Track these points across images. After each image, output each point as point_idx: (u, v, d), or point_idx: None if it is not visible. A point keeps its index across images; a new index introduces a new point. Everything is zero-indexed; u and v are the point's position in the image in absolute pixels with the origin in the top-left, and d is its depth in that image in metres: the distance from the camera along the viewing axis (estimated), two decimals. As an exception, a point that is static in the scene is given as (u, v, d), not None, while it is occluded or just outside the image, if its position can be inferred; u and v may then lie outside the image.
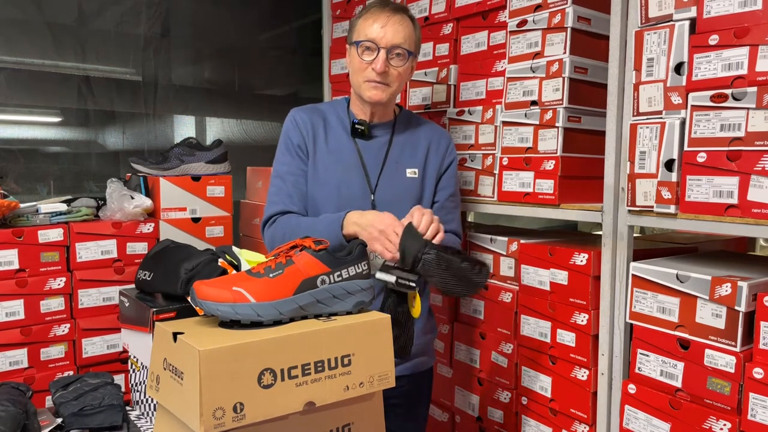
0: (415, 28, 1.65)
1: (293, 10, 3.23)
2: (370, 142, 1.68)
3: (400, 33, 1.58)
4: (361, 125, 1.66)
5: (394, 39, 1.57)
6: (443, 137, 1.76)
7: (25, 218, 1.90)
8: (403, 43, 1.59)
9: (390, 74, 1.60)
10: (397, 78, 1.61)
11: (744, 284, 1.32)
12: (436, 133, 1.76)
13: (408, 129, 1.73)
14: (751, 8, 1.30)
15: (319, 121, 1.68)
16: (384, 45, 1.57)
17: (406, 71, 1.64)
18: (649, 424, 1.48)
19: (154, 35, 2.85)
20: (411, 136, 1.71)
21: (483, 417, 1.97)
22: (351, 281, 1.18)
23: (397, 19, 1.59)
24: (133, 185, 2.18)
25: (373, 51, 1.58)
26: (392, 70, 1.60)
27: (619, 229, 1.58)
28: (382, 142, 1.69)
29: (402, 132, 1.72)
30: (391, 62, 1.59)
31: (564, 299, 1.72)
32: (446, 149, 1.74)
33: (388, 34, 1.57)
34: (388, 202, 1.63)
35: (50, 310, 1.91)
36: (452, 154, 1.75)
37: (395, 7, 1.62)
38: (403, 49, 1.59)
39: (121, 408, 1.54)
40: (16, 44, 2.53)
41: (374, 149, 1.67)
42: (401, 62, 1.60)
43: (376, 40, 1.57)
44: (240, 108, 3.22)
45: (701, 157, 1.38)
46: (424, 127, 1.76)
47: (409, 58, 1.62)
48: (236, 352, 0.99)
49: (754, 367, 1.29)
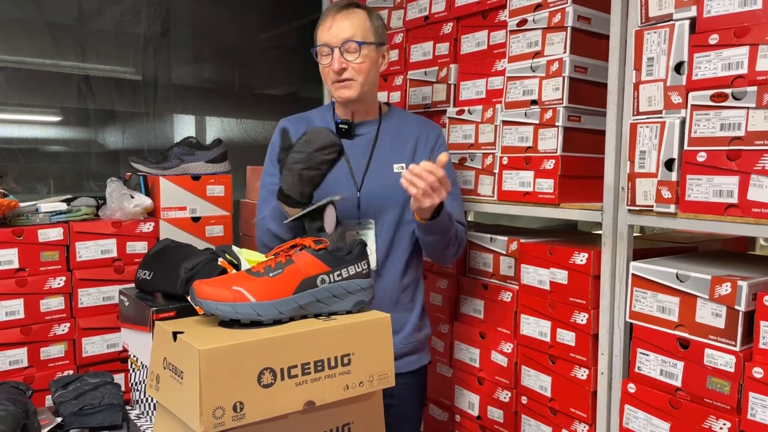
0: (370, 16, 1.64)
1: (293, 9, 3.23)
2: (355, 141, 1.69)
3: (347, 27, 1.59)
4: (345, 124, 1.68)
5: (342, 34, 1.59)
6: (432, 131, 1.75)
7: (25, 217, 1.90)
8: (352, 35, 1.59)
9: (350, 69, 1.60)
10: (360, 71, 1.61)
11: (744, 284, 1.32)
12: (425, 128, 1.75)
13: (396, 125, 1.73)
14: (751, 8, 1.30)
15: (303, 128, 1.65)
16: (335, 44, 1.59)
17: (366, 62, 1.61)
18: (649, 424, 1.48)
19: (154, 34, 2.85)
20: (399, 132, 1.71)
21: (483, 416, 1.97)
22: (351, 280, 1.18)
23: (343, 15, 1.60)
24: (133, 184, 2.18)
25: (329, 54, 1.60)
26: (351, 65, 1.60)
27: (619, 229, 1.58)
28: (367, 140, 1.70)
29: (389, 128, 1.72)
30: (346, 58, 1.59)
31: (564, 299, 1.72)
32: (435, 142, 1.73)
33: (335, 31, 1.59)
34: (374, 198, 1.65)
35: (50, 310, 1.91)
36: (443, 146, 1.74)
37: (343, 5, 1.63)
38: (353, 42, 1.59)
39: (121, 407, 1.54)
40: (16, 44, 2.53)
41: (359, 147, 1.69)
42: (355, 56, 1.60)
43: (328, 42, 1.60)
44: (240, 107, 3.22)
45: (701, 156, 1.38)
46: (413, 122, 1.75)
47: (361, 48, 1.60)
48: (236, 352, 0.99)
49: (754, 366, 1.29)
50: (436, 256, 1.74)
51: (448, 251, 1.68)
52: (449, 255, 1.70)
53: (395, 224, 1.67)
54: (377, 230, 1.65)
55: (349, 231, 1.64)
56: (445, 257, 1.71)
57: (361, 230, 1.65)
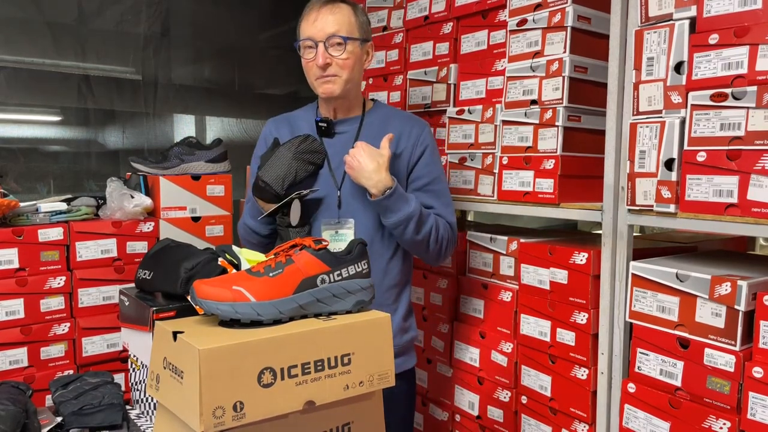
0: (355, 12, 1.63)
1: (293, 9, 3.21)
2: (335, 139, 1.69)
3: (332, 22, 1.58)
4: (324, 122, 1.68)
5: (327, 29, 1.58)
6: (415, 126, 1.70)
7: (25, 217, 1.90)
8: (338, 30, 1.58)
9: (334, 65, 1.60)
10: (344, 66, 1.60)
11: (744, 283, 1.32)
12: (407, 124, 1.70)
13: (379, 122, 1.70)
14: (751, 7, 1.30)
15: (284, 128, 1.73)
16: (320, 38, 1.58)
17: (350, 58, 1.61)
18: (649, 423, 1.48)
19: (154, 34, 2.85)
20: (382, 129, 1.67)
21: (483, 416, 1.97)
22: (351, 280, 1.18)
23: (328, 9, 1.59)
24: (133, 184, 2.18)
25: (313, 48, 1.59)
26: (335, 60, 1.59)
27: (619, 229, 1.58)
28: (348, 138, 1.68)
29: (371, 125, 1.69)
30: (331, 53, 1.58)
31: (564, 298, 1.72)
32: (417, 138, 1.68)
33: (320, 26, 1.58)
34: (354, 196, 1.64)
35: (50, 309, 1.91)
36: (425, 142, 1.69)
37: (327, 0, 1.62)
38: (339, 36, 1.58)
39: (121, 407, 1.54)
40: (16, 43, 2.53)
41: (339, 145, 1.68)
42: (340, 50, 1.59)
43: (312, 36, 1.59)
44: (240, 107, 3.23)
45: (701, 156, 1.38)
46: (397, 118, 1.72)
47: (347, 44, 1.59)
48: (236, 351, 0.99)
49: (754, 366, 1.29)
50: (419, 253, 1.67)
51: (429, 248, 1.62)
52: (431, 253, 1.64)
53: (375, 223, 1.64)
54: (356, 229, 1.64)
55: (327, 230, 1.64)
56: (428, 255, 1.65)
57: (340, 229, 1.64)
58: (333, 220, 1.64)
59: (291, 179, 1.58)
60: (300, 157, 1.59)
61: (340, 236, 1.63)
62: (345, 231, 1.64)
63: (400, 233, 1.59)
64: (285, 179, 1.57)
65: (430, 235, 1.61)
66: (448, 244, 1.67)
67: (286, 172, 1.57)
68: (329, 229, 1.64)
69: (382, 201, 1.55)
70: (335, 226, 1.64)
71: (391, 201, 1.55)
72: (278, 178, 1.57)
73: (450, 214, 1.69)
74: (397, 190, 1.55)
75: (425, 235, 1.60)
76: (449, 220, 1.68)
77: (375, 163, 1.54)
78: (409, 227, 1.57)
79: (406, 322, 1.73)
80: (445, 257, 1.70)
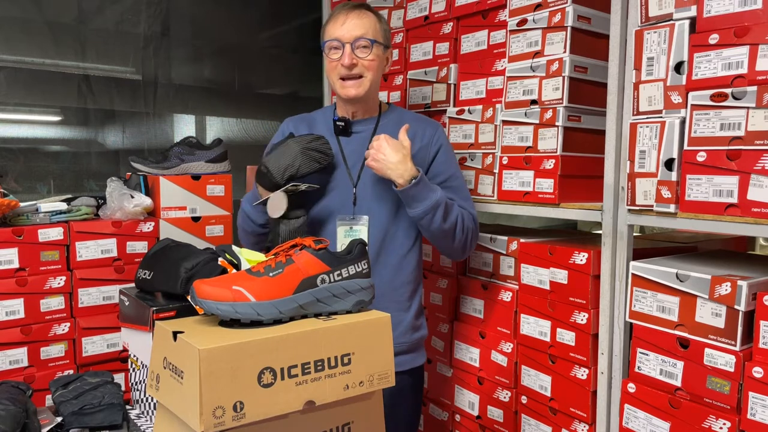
0: (379, 20, 1.70)
1: (293, 9, 3.23)
2: (352, 138, 1.73)
3: (360, 25, 1.64)
4: (341, 122, 1.72)
5: (355, 31, 1.63)
6: (428, 127, 1.76)
7: (25, 217, 1.90)
8: (365, 33, 1.64)
9: (359, 66, 1.65)
10: (369, 68, 1.66)
11: (744, 283, 1.32)
12: (421, 124, 1.76)
13: (394, 123, 1.74)
14: (751, 7, 1.30)
15: (303, 127, 1.76)
16: (347, 40, 1.63)
17: (375, 60, 1.67)
18: (649, 423, 1.48)
19: (154, 34, 2.85)
20: (396, 130, 1.69)
21: (483, 416, 1.97)
22: (351, 280, 1.18)
23: (356, 14, 1.66)
24: (133, 184, 2.18)
25: (339, 48, 1.64)
26: (360, 62, 1.64)
27: (619, 229, 1.58)
28: (364, 137, 1.73)
29: (387, 125, 1.74)
30: (357, 54, 1.64)
31: (564, 298, 1.72)
32: (431, 138, 1.73)
33: (348, 28, 1.64)
34: (370, 194, 1.68)
35: (50, 309, 1.91)
36: (439, 140, 1.74)
37: (354, 5, 1.68)
38: (366, 39, 1.64)
39: (121, 407, 1.54)
40: (16, 43, 2.53)
41: (356, 144, 1.72)
42: (366, 52, 1.64)
43: (339, 37, 1.64)
44: (240, 107, 3.22)
45: (701, 156, 1.38)
46: (411, 120, 1.76)
47: (373, 46, 1.65)
48: (236, 351, 0.99)
49: (754, 366, 1.29)
50: (445, 245, 1.68)
51: (455, 238, 1.64)
52: (457, 243, 1.65)
53: (389, 221, 1.68)
54: (371, 226, 1.67)
55: (342, 226, 1.67)
56: (453, 246, 1.67)
57: (355, 225, 1.67)
58: (348, 217, 1.68)
59: (293, 171, 1.59)
60: (307, 152, 1.61)
61: (355, 232, 1.66)
62: (359, 227, 1.67)
63: (427, 223, 1.61)
64: (287, 170, 1.59)
65: (456, 224, 1.64)
66: (473, 235, 1.70)
67: (289, 163, 1.59)
68: (344, 225, 1.68)
69: (408, 190, 1.57)
70: (350, 222, 1.67)
71: (417, 189, 1.57)
72: (280, 167, 1.59)
73: (471, 207, 1.73)
74: (423, 178, 1.59)
75: (452, 224, 1.63)
76: (471, 212, 1.72)
77: (400, 154, 1.58)
78: (437, 215, 1.60)
79: (418, 320, 1.76)
80: (470, 249, 1.72)
